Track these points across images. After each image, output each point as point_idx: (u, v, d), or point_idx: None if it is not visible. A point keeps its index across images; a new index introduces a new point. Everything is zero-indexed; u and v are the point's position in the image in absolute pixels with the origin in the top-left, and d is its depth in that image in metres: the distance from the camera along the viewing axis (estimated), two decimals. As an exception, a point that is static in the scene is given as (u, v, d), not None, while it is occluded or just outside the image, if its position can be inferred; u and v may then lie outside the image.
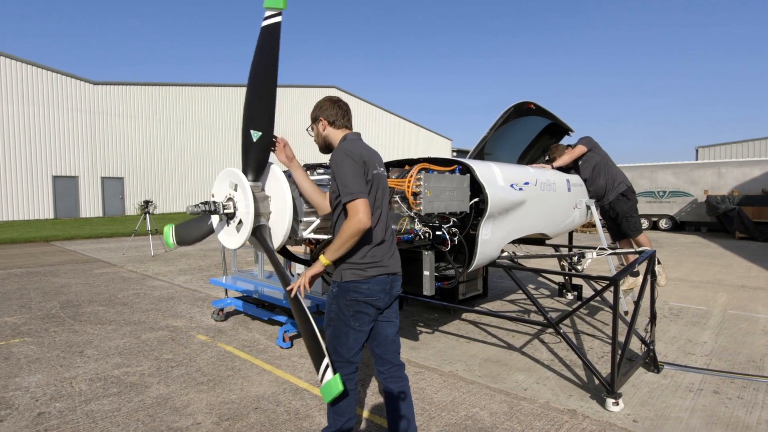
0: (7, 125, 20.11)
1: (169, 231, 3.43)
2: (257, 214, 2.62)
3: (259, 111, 2.56)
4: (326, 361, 2.23)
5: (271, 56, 2.52)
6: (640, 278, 4.51)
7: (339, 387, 2.15)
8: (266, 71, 2.54)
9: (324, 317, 2.47)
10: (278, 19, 2.49)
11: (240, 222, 2.66)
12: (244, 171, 2.65)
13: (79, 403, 3.28)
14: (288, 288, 2.38)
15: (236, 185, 2.65)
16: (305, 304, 2.41)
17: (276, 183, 2.70)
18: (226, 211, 2.67)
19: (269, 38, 2.51)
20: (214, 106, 27.22)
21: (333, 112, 2.49)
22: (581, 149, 5.24)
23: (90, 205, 22.67)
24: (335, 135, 2.50)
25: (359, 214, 2.19)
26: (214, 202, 2.67)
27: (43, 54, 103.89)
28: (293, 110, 29.93)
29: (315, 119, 2.54)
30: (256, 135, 2.57)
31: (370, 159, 2.37)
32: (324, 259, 2.29)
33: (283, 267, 2.62)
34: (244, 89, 2.64)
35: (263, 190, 2.73)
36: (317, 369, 2.27)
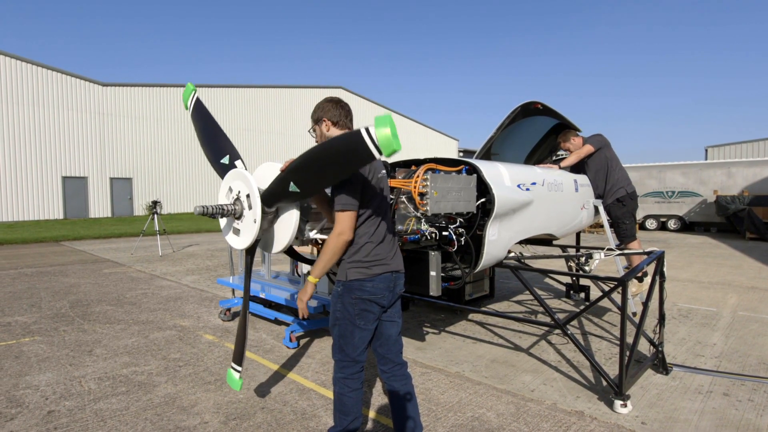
0: (17, 127, 20.35)
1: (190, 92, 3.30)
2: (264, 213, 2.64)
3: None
4: (240, 368, 2.90)
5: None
6: (647, 283, 4.47)
7: (238, 387, 2.87)
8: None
9: (329, 317, 2.48)
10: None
11: (248, 220, 2.67)
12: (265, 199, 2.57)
13: (88, 402, 3.31)
14: (301, 316, 2.53)
15: (244, 189, 2.67)
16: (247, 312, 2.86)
17: None
18: (235, 213, 2.69)
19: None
20: (222, 106, 27.33)
21: (336, 112, 2.52)
22: (588, 149, 5.17)
23: (99, 206, 22.88)
24: None
25: (343, 227, 2.25)
26: (222, 205, 2.69)
27: (52, 56, 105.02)
28: (300, 111, 30.01)
29: (317, 120, 2.56)
30: (293, 188, 2.32)
31: (373, 163, 2.38)
32: (312, 279, 2.36)
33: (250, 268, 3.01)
34: (252, 89, 2.69)
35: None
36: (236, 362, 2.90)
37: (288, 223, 2.67)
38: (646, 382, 3.63)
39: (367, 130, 1.85)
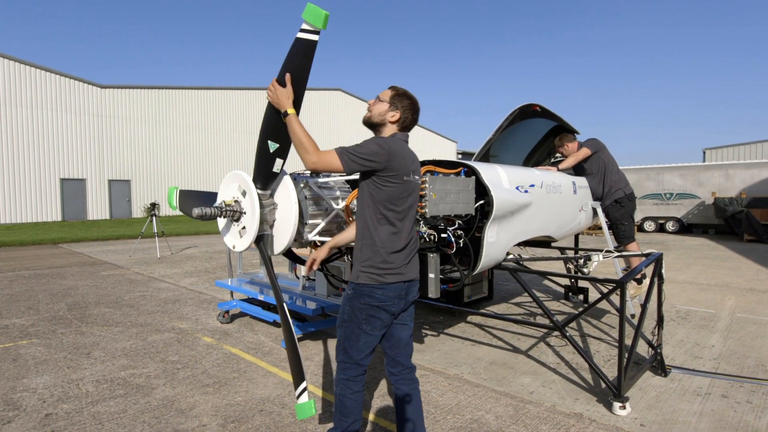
0: (15, 129, 20.32)
1: (174, 193, 3.41)
2: (262, 221, 2.64)
3: (280, 124, 2.50)
4: (304, 385, 2.57)
5: (301, 72, 2.48)
6: (646, 285, 4.47)
7: (312, 411, 2.49)
8: (294, 85, 2.49)
9: (338, 316, 2.46)
10: (315, 37, 2.39)
11: (244, 228, 2.68)
12: (255, 178, 2.66)
13: (86, 405, 3.30)
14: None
15: (244, 191, 2.68)
16: (293, 328, 2.64)
17: (283, 189, 2.73)
18: (233, 216, 2.70)
19: (302, 53, 2.43)
20: (220, 109, 27.33)
21: (409, 117, 2.41)
22: (585, 152, 5.22)
23: (97, 208, 22.84)
24: (388, 129, 2.41)
25: (321, 153, 2.21)
26: (220, 206, 2.70)
27: (50, 58, 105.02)
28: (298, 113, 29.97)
29: (392, 104, 2.40)
30: (273, 146, 2.56)
31: (403, 162, 2.30)
32: (292, 110, 2.40)
33: (276, 281, 2.74)
34: (251, 92, 2.69)
35: (272, 196, 2.75)
36: (296, 388, 2.60)
37: (287, 226, 2.67)
38: (644, 384, 3.64)
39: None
